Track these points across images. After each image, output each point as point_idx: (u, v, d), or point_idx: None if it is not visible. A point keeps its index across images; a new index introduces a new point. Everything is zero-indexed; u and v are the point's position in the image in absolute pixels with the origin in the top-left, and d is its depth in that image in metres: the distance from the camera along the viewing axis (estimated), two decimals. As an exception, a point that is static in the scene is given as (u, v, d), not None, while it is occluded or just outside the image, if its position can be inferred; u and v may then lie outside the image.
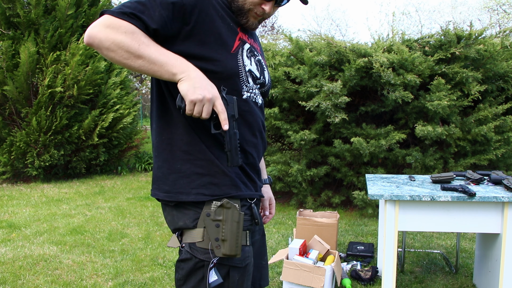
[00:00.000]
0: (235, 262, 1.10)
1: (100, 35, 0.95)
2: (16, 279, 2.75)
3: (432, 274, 2.85)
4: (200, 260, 1.08)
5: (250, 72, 1.17)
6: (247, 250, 1.13)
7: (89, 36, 0.96)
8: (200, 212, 1.09)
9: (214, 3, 1.10)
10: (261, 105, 1.23)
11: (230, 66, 1.10)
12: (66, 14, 6.00)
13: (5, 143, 5.87)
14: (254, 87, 1.19)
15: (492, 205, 2.15)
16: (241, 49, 1.14)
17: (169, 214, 1.16)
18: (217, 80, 1.06)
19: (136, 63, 0.97)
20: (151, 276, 2.79)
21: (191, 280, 1.10)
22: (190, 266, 1.09)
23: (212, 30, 1.07)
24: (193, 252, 1.09)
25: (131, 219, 4.20)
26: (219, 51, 1.08)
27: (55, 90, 5.76)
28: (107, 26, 0.95)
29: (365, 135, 4.08)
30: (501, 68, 4.05)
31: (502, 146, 4.12)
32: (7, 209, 4.60)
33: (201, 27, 1.06)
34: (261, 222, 1.35)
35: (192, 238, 1.10)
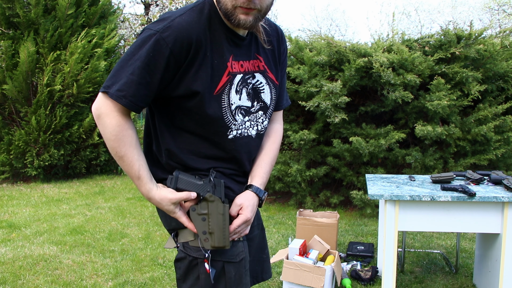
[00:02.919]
0: (228, 257, 1.12)
1: (100, 120, 1.08)
2: (16, 279, 2.75)
3: (432, 274, 2.85)
4: (194, 258, 1.12)
5: (239, 108, 1.15)
6: (240, 245, 1.15)
7: (94, 113, 1.10)
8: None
9: (205, 42, 1.08)
10: (258, 134, 1.23)
11: (213, 108, 1.11)
12: (66, 14, 6.00)
13: (3, 142, 5.86)
14: (245, 120, 1.18)
15: (492, 205, 2.15)
16: (228, 85, 1.13)
17: (162, 216, 1.19)
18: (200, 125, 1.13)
19: (119, 162, 1.12)
20: (151, 276, 2.79)
21: (189, 278, 1.14)
22: (186, 264, 1.13)
23: (197, 74, 1.08)
24: (186, 250, 1.13)
25: (131, 219, 4.20)
26: (203, 94, 1.09)
27: (54, 88, 5.76)
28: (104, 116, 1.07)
29: (365, 135, 4.08)
30: (501, 68, 4.05)
31: (502, 146, 4.12)
32: (7, 209, 4.60)
33: (189, 72, 1.08)
34: (259, 216, 1.37)
35: (185, 238, 1.14)
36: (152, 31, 1.04)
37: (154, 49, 1.03)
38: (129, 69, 1.04)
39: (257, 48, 1.23)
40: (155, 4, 9.62)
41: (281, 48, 1.30)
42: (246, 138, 1.19)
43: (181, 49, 1.04)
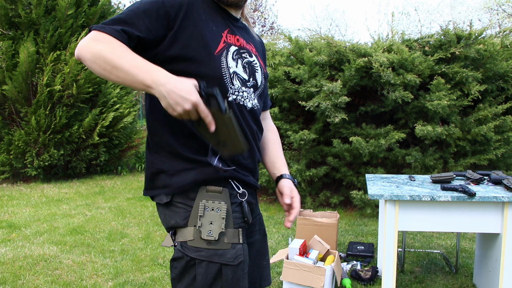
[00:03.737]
0: (226, 260, 1.10)
1: (83, 49, 1.00)
2: (16, 279, 2.75)
3: (432, 274, 2.85)
4: (192, 258, 1.09)
5: (236, 74, 1.15)
6: (239, 248, 1.12)
7: (76, 50, 1.02)
8: (190, 210, 1.11)
9: (198, 7, 1.12)
10: (251, 109, 1.19)
11: (213, 67, 1.10)
12: (66, 14, 6.00)
13: (3, 142, 5.87)
14: (242, 89, 1.16)
15: (492, 205, 2.15)
16: (225, 51, 1.13)
17: (161, 213, 1.18)
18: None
19: (113, 75, 0.98)
20: (151, 276, 2.79)
21: (185, 278, 1.11)
22: (182, 264, 1.10)
23: (194, 34, 1.09)
24: (184, 250, 1.10)
25: (131, 219, 4.20)
26: (201, 53, 1.08)
27: (53, 88, 5.76)
28: (90, 39, 1.01)
29: (365, 135, 4.08)
30: (501, 68, 4.05)
31: (502, 146, 4.12)
32: (7, 209, 4.60)
33: (184, 31, 1.08)
34: (261, 221, 1.35)
35: (183, 237, 1.11)
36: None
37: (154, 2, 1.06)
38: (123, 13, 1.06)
39: (249, 36, 1.28)
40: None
41: (265, 54, 1.39)
42: (241, 107, 1.16)
43: (173, 3, 1.07)
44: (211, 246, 1.09)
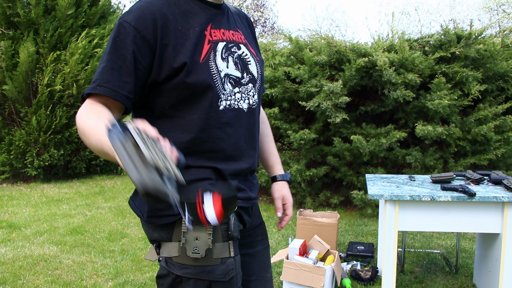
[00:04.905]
0: (216, 276, 1.02)
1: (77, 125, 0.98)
2: (16, 279, 2.75)
3: (432, 274, 2.85)
4: (178, 276, 1.02)
5: (228, 76, 1.07)
6: (230, 262, 1.04)
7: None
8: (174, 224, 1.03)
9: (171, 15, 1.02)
10: (249, 109, 1.12)
11: (202, 77, 1.02)
12: (66, 14, 6.00)
13: (3, 142, 5.87)
14: (235, 91, 1.08)
15: (492, 205, 2.15)
16: (212, 53, 1.05)
17: (144, 225, 1.10)
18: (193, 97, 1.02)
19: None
20: (151, 276, 2.79)
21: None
22: (169, 282, 1.03)
23: (177, 48, 1.01)
24: (169, 267, 1.03)
25: (131, 219, 4.20)
26: (189, 65, 1.01)
27: (54, 89, 5.76)
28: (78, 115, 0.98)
29: (365, 134, 4.08)
30: (501, 68, 4.05)
31: (502, 146, 4.12)
32: (7, 209, 4.60)
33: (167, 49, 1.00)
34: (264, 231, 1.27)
35: (168, 252, 1.03)
36: (126, 17, 0.99)
37: (119, 32, 0.98)
38: (101, 63, 0.99)
39: (234, 21, 1.18)
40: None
41: (253, 30, 1.29)
42: (237, 111, 1.09)
43: (146, 25, 0.98)
44: (198, 263, 1.01)
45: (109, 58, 0.97)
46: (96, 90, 0.96)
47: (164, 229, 1.04)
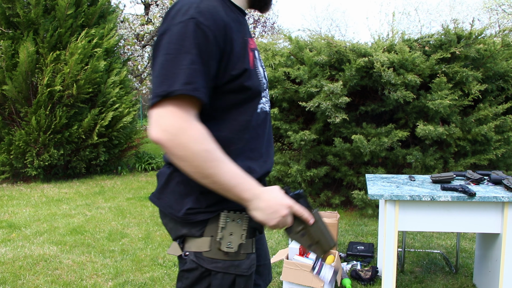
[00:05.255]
0: (241, 271, 1.07)
1: (174, 141, 0.91)
2: (16, 279, 2.75)
3: (432, 274, 2.85)
4: (207, 269, 1.05)
5: (265, 81, 1.15)
6: (253, 258, 1.10)
7: (162, 134, 0.91)
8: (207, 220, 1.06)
9: (230, 23, 1.01)
10: (268, 111, 1.17)
11: (255, 82, 1.06)
12: (66, 14, 6.00)
13: (3, 142, 5.87)
14: (263, 95, 1.13)
15: (492, 205, 2.15)
16: (255, 60, 1.08)
17: (170, 222, 1.10)
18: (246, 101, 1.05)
19: (206, 180, 0.95)
20: (151, 276, 2.79)
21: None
22: (195, 275, 1.06)
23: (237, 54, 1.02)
24: (199, 261, 1.05)
25: (131, 219, 4.20)
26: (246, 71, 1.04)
27: (54, 89, 5.76)
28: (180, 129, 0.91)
29: (365, 134, 4.08)
30: (501, 68, 4.05)
31: (502, 146, 4.12)
32: (7, 209, 4.60)
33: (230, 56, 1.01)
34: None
35: (197, 247, 1.05)
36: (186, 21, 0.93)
37: (200, 35, 0.93)
38: (185, 62, 0.91)
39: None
40: (155, 4, 9.62)
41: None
42: (265, 114, 1.13)
43: (221, 32, 0.96)
44: (228, 258, 1.05)
45: (200, 61, 0.93)
46: (197, 93, 0.92)
47: (197, 226, 1.05)
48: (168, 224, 1.11)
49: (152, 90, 0.94)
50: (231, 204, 1.03)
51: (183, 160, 0.93)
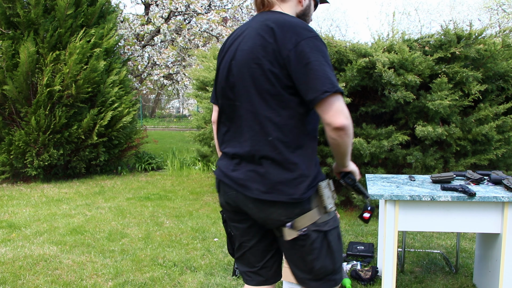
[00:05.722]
0: (338, 221, 1.43)
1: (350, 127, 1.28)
2: (16, 279, 2.75)
3: (432, 274, 2.85)
4: (324, 232, 1.36)
5: None
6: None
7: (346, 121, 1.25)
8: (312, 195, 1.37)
9: None
10: None
11: None
12: (66, 14, 6.00)
13: (3, 142, 5.86)
14: None
15: (492, 205, 2.15)
16: None
17: (279, 209, 1.33)
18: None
19: (348, 150, 1.36)
20: (151, 276, 2.79)
21: (323, 247, 1.37)
22: (318, 242, 1.36)
23: None
24: (317, 228, 1.35)
25: (131, 219, 4.20)
26: None
27: (53, 88, 5.76)
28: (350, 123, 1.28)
29: (366, 135, 4.08)
30: (501, 68, 4.04)
31: (503, 146, 4.11)
32: (7, 209, 4.60)
33: None
34: None
35: (311, 219, 1.34)
36: (319, 37, 1.31)
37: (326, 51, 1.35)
38: (329, 71, 1.28)
39: None
40: (155, 4, 9.61)
41: None
42: None
43: None
44: (331, 216, 1.38)
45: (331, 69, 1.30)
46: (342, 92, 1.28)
47: (307, 202, 1.34)
48: (275, 212, 1.34)
49: (322, 81, 1.24)
50: (320, 177, 1.38)
51: (350, 137, 1.29)
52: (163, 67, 9.66)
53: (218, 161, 1.49)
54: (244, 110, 1.34)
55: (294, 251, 1.38)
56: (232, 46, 1.40)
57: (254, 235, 1.47)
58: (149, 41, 9.87)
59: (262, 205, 1.34)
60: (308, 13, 1.47)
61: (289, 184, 1.30)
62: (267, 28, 1.30)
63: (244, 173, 1.35)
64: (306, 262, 1.38)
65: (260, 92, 1.30)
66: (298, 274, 1.44)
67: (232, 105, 1.38)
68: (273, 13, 1.37)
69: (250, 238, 1.47)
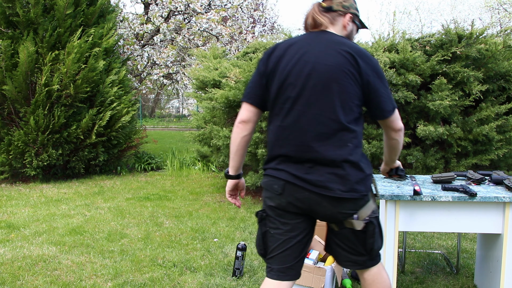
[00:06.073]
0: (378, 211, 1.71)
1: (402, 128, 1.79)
2: (15, 280, 2.74)
3: (433, 274, 2.84)
4: (377, 217, 1.67)
5: None
6: None
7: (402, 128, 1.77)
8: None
9: None
10: None
11: None
12: (65, 14, 5.99)
13: (3, 143, 5.85)
14: None
15: (493, 205, 2.14)
16: None
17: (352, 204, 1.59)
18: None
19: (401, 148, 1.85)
20: (151, 277, 2.78)
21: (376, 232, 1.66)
22: (374, 227, 1.65)
23: None
24: (374, 214, 1.65)
25: (130, 219, 4.19)
26: None
27: (52, 88, 5.74)
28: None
29: (366, 135, 4.06)
30: (503, 68, 4.03)
31: (504, 146, 4.10)
32: (6, 209, 4.59)
33: None
34: None
35: (370, 209, 1.64)
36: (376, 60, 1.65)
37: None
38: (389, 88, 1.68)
39: None
40: (154, 3, 9.60)
41: None
42: None
43: None
44: (375, 204, 1.70)
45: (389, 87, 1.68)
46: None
47: (368, 195, 1.64)
48: (346, 207, 1.58)
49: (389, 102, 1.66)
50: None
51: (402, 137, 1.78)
52: (162, 66, 9.64)
53: (276, 164, 1.61)
54: (324, 118, 1.54)
55: (357, 238, 1.64)
56: (303, 56, 1.57)
57: (302, 231, 1.65)
58: (149, 41, 9.85)
59: (337, 203, 1.56)
60: (351, 37, 1.72)
61: (361, 183, 1.58)
62: (345, 52, 1.55)
63: (322, 175, 1.54)
64: (366, 245, 1.65)
65: (342, 103, 1.54)
66: (357, 259, 1.69)
67: (303, 112, 1.55)
68: (335, 35, 1.63)
69: (297, 234, 1.64)
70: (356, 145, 1.57)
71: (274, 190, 1.60)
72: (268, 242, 1.66)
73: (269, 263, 1.68)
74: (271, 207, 1.64)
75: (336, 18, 1.66)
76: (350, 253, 1.69)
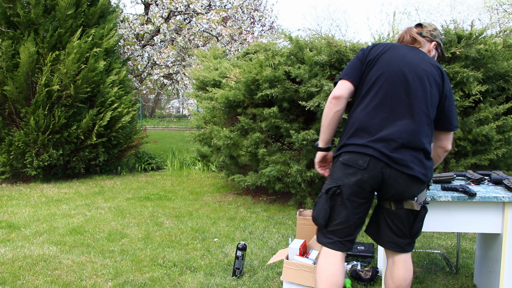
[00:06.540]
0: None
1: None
2: (16, 280, 2.75)
3: (433, 274, 2.84)
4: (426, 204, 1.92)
5: None
6: None
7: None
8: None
9: None
10: None
11: None
12: (66, 14, 5.99)
13: (4, 143, 5.86)
14: None
15: (493, 205, 2.14)
16: None
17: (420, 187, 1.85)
18: None
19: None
20: (151, 277, 2.78)
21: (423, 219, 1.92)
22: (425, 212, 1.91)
23: None
24: (426, 201, 1.92)
25: (130, 219, 4.19)
26: None
27: (52, 88, 5.75)
28: None
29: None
30: (502, 68, 4.04)
31: (503, 146, 4.11)
32: (6, 209, 4.59)
33: None
34: None
35: (425, 195, 1.90)
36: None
37: None
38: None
39: None
40: (154, 3, 9.61)
41: None
42: None
43: None
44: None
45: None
46: None
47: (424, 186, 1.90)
48: (414, 188, 1.83)
49: (456, 119, 1.99)
50: None
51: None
52: (163, 67, 9.65)
53: (371, 143, 1.81)
54: (417, 109, 1.80)
55: (408, 220, 1.87)
56: (405, 57, 1.87)
57: (364, 209, 1.87)
58: (149, 41, 9.86)
59: (412, 182, 1.81)
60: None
61: (431, 170, 1.87)
62: (436, 66, 1.90)
63: (406, 156, 1.78)
64: (413, 229, 1.89)
65: (432, 103, 1.85)
66: (399, 242, 1.90)
67: (403, 101, 1.81)
68: (425, 54, 1.95)
69: (360, 211, 1.86)
70: (430, 138, 1.86)
71: (359, 165, 1.80)
72: (333, 216, 1.87)
73: (330, 234, 1.90)
74: (347, 185, 1.82)
75: (425, 42, 2.00)
76: (396, 235, 1.90)
